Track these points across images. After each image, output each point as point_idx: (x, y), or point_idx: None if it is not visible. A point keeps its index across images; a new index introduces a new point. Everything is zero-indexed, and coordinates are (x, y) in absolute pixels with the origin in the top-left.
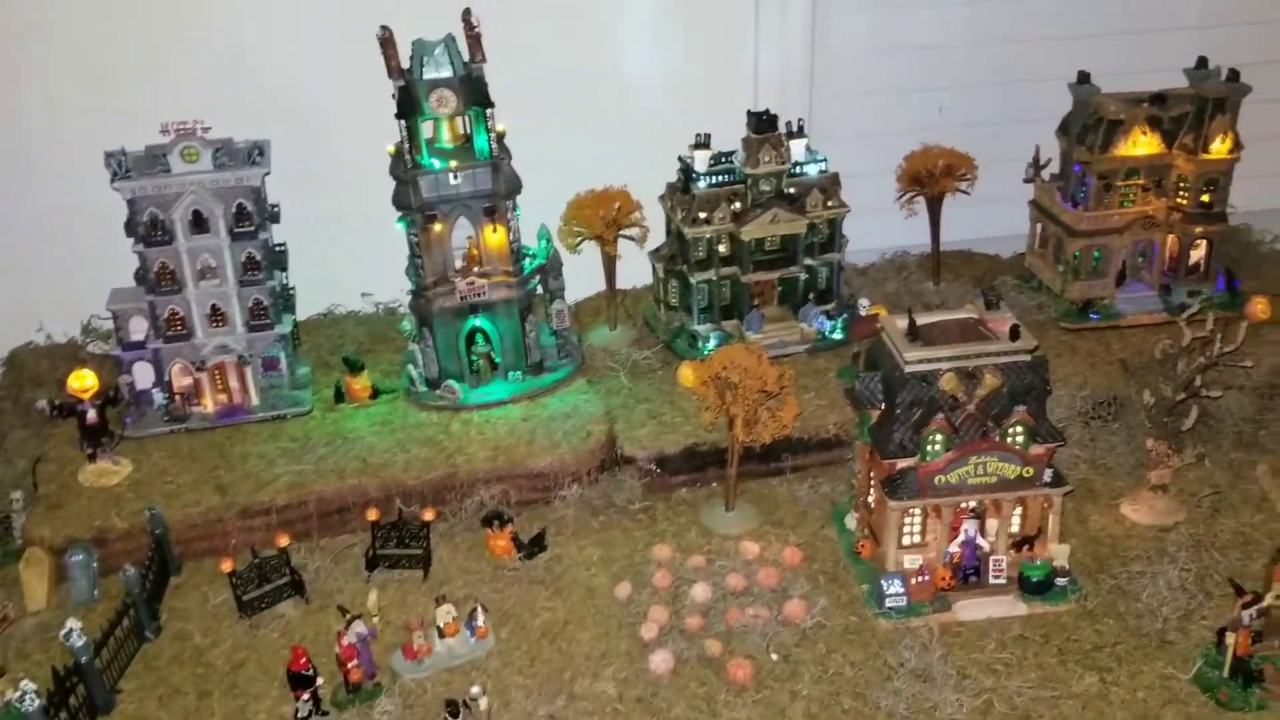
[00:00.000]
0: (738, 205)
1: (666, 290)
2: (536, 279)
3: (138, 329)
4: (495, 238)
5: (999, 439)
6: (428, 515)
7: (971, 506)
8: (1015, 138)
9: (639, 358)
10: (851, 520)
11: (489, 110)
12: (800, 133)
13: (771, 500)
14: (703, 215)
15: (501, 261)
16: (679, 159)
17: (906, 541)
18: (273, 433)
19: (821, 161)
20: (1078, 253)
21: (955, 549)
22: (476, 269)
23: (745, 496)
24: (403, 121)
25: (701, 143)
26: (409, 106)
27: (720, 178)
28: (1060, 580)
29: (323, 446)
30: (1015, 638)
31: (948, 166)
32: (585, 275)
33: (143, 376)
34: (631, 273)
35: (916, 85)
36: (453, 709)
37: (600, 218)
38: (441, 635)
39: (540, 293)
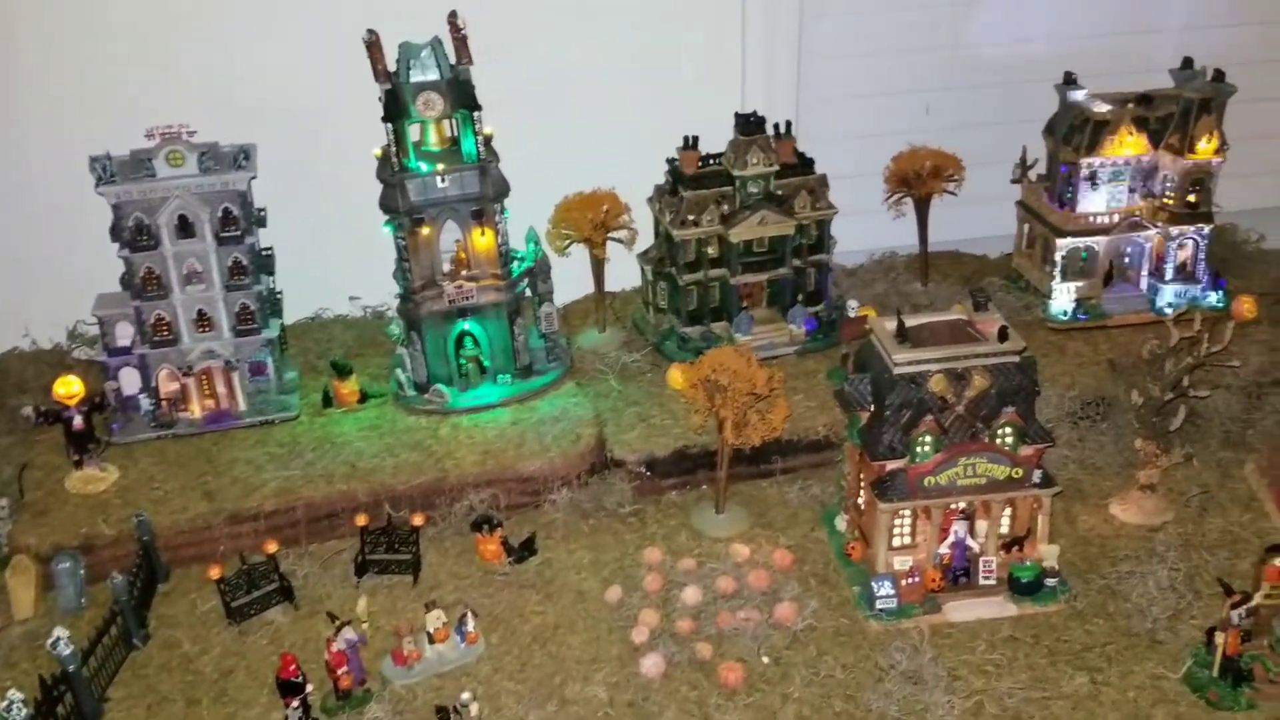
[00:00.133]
0: (726, 207)
1: (655, 293)
2: (525, 282)
3: (124, 334)
4: (483, 241)
5: (988, 440)
6: (417, 520)
7: (961, 508)
8: (1002, 139)
9: (628, 360)
10: (842, 522)
11: (476, 113)
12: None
13: (762, 502)
14: (691, 217)
15: (490, 265)
16: (667, 161)
17: (897, 543)
18: (260, 438)
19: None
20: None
21: (945, 550)
22: (465, 272)
23: (735, 499)
24: (389, 125)
25: (689, 145)
26: (396, 109)
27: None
28: (1050, 581)
29: (311, 451)
30: (1005, 639)
31: (935, 167)
32: (574, 278)
33: (129, 382)
34: (620, 275)
35: (903, 87)
36: (443, 715)
37: (588, 220)
38: (431, 641)
39: (529, 296)
